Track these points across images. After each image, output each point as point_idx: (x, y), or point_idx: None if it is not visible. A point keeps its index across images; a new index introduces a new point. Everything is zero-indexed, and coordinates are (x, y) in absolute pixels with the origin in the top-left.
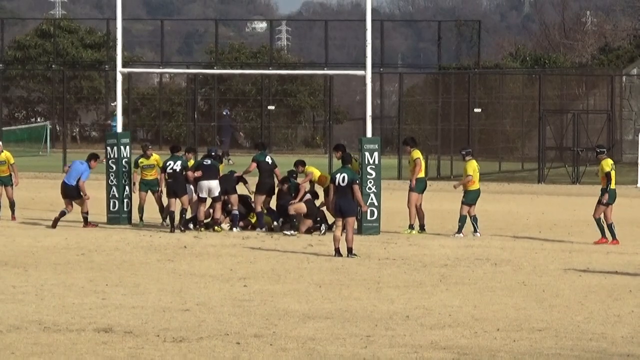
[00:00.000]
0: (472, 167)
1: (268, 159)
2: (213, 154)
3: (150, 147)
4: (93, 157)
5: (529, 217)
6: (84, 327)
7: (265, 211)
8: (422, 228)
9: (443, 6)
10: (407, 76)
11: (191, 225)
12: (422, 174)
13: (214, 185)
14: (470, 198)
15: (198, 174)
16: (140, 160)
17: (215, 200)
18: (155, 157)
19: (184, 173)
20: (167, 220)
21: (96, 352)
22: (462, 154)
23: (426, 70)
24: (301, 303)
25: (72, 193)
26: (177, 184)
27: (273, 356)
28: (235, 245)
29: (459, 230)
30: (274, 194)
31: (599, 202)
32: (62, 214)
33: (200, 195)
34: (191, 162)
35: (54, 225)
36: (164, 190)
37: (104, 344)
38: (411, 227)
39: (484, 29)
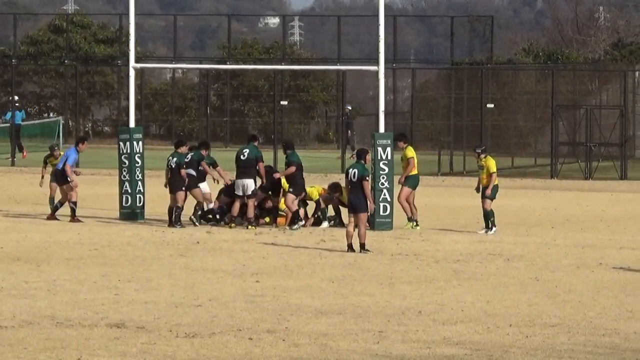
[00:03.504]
0: (494, 162)
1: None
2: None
3: (57, 148)
4: (81, 139)
5: (541, 213)
6: (96, 323)
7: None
8: (415, 223)
9: (456, 1)
10: (419, 72)
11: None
12: (415, 171)
13: (249, 183)
14: (493, 193)
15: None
16: (50, 159)
17: (249, 197)
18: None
19: (180, 169)
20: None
21: (108, 348)
22: (476, 152)
23: (439, 66)
24: (314, 299)
25: (59, 177)
26: (173, 180)
27: (285, 352)
28: (247, 241)
29: (488, 226)
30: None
31: None
32: (56, 207)
33: (235, 193)
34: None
35: (51, 218)
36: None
37: (116, 340)
38: (410, 219)
39: (497, 25)
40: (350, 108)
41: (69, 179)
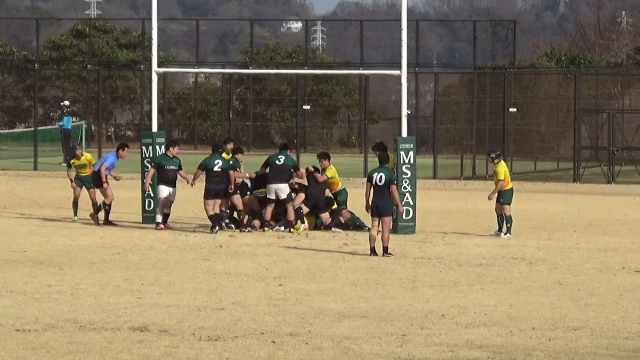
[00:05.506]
0: (503, 169)
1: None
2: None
3: (78, 147)
4: (122, 146)
5: (564, 217)
6: (119, 326)
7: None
8: None
9: (478, 6)
10: (442, 76)
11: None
12: None
13: (283, 187)
14: (508, 197)
15: (251, 175)
16: (72, 161)
17: (285, 202)
18: (87, 157)
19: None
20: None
21: (131, 351)
22: (491, 156)
23: (461, 70)
24: (337, 302)
25: (94, 179)
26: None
27: (308, 355)
28: (270, 245)
29: (509, 231)
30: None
31: None
32: (97, 208)
33: (268, 197)
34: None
35: (96, 222)
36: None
37: (139, 343)
38: None
39: (519, 29)
40: (409, 112)
41: (102, 181)
